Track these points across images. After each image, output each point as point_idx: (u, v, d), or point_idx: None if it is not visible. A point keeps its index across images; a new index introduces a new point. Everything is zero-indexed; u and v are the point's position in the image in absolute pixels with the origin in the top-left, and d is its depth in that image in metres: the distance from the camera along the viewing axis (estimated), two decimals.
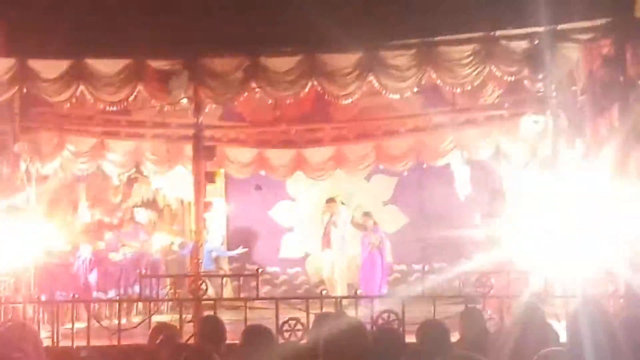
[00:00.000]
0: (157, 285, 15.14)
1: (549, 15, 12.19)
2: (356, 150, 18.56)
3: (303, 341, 10.87)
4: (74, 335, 12.09)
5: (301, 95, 13.99)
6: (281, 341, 10.76)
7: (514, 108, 16.50)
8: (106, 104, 14.47)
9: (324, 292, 13.46)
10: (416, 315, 10.61)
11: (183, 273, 17.40)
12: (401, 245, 19.81)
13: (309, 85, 13.58)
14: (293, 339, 11.15)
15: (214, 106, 15.60)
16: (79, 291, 14.84)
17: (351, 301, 12.96)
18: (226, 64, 13.59)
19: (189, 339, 9.74)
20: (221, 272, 19.36)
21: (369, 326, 9.89)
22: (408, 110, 17.66)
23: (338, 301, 13.78)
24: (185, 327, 11.36)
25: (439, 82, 13.78)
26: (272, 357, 7.08)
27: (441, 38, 13.15)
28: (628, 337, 6.44)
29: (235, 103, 15.20)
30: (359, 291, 14.48)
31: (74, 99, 14.11)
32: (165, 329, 8.11)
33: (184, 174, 17.81)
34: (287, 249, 20.57)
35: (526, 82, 14.67)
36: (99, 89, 13.74)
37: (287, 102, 14.96)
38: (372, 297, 12.90)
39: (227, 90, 13.80)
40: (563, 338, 7.12)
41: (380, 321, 11.36)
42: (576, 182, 12.98)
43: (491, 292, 12.43)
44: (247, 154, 18.88)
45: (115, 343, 11.86)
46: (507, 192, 16.11)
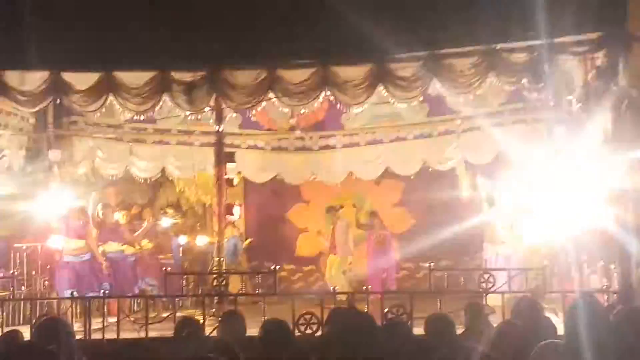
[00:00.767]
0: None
1: (547, 29, 12.16)
2: (366, 156, 18.55)
3: (318, 334, 10.89)
4: (104, 329, 12.11)
5: (315, 104, 13.98)
6: (298, 334, 10.77)
7: (514, 116, 16.49)
8: (134, 113, 14.50)
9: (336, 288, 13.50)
10: (423, 310, 10.59)
11: (206, 271, 17.39)
12: (409, 245, 19.79)
13: (322, 95, 13.57)
14: (309, 332, 11.15)
15: (234, 115, 15.63)
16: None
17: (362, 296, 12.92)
18: (245, 76, 13.59)
19: (212, 332, 9.73)
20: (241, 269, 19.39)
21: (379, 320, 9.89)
22: (415, 118, 17.66)
23: (349, 296, 13.83)
24: (208, 321, 11.38)
25: (444, 91, 13.76)
26: (289, 349, 7.08)
27: (446, 51, 13.12)
28: (622, 330, 6.43)
29: (254, 112, 15.20)
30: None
31: (104, 109, 14.14)
32: (189, 323, 8.10)
33: (206, 179, 17.87)
34: (302, 248, 20.56)
35: (525, 92, 14.64)
36: (127, 99, 13.75)
37: (302, 110, 14.99)
38: (382, 293, 12.86)
39: (246, 100, 13.79)
40: (561, 331, 7.11)
41: (389, 315, 11.35)
42: (572, 184, 12.96)
43: (492, 288, 12.44)
44: (264, 159, 18.91)
45: (143, 336, 11.87)
46: (502, 196, 16.06)
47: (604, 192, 12.41)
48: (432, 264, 13.30)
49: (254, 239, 20.66)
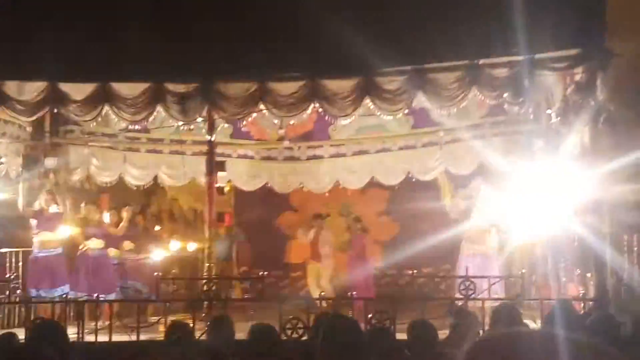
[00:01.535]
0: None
1: (527, 46, 12.21)
2: (353, 166, 18.58)
3: (304, 338, 10.89)
4: (97, 332, 12.09)
5: (304, 115, 14.00)
6: (284, 338, 10.76)
7: (495, 128, 16.54)
8: (128, 122, 14.50)
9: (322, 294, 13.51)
10: (406, 315, 10.60)
11: (196, 276, 17.36)
12: (393, 252, 19.80)
13: (311, 106, 13.59)
14: (295, 336, 11.15)
15: (225, 125, 15.63)
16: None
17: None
18: (237, 88, 13.61)
19: (201, 335, 9.72)
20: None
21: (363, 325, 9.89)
22: (400, 129, 17.70)
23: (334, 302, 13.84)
24: (197, 325, 11.36)
25: (428, 104, 13.79)
26: (276, 353, 7.08)
27: (430, 65, 13.16)
28: (597, 336, 6.44)
29: (244, 122, 15.22)
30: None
31: (99, 118, 14.14)
32: (179, 326, 8.10)
33: (198, 187, 17.87)
34: (290, 255, 20.53)
35: (506, 105, 14.70)
36: (122, 109, 13.76)
37: (291, 121, 15.01)
38: (365, 299, 12.86)
39: (238, 111, 13.81)
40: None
41: (373, 320, 11.36)
42: (549, 194, 13.01)
43: (473, 295, 12.47)
44: (254, 168, 18.92)
45: (134, 339, 11.85)
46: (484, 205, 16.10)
47: (580, 202, 12.46)
48: (415, 271, 13.31)
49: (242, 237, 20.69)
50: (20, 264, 15.03)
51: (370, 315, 11.47)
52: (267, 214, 21.30)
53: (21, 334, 8.75)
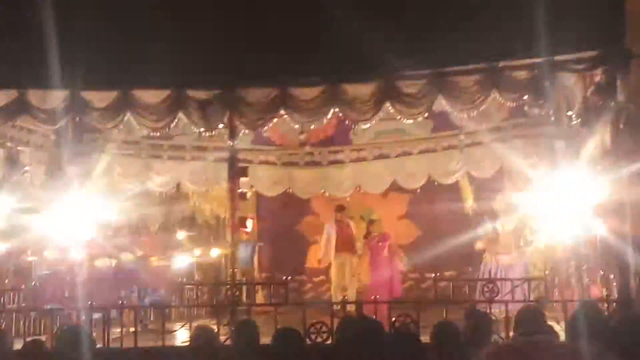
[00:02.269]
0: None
1: (547, 48, 12.17)
2: (373, 170, 18.57)
3: (328, 342, 10.89)
4: (122, 338, 12.12)
5: (324, 120, 13.99)
6: (308, 342, 10.76)
7: (516, 131, 16.49)
8: (150, 130, 14.54)
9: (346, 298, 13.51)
10: (428, 319, 10.57)
11: (220, 281, 17.39)
12: (415, 256, 19.79)
13: (331, 111, 13.58)
14: (319, 340, 11.15)
15: (246, 131, 15.66)
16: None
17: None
18: (258, 94, 13.60)
19: (226, 340, 9.73)
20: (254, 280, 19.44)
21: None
22: (420, 133, 17.68)
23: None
24: (222, 330, 11.37)
25: (448, 108, 13.76)
26: (300, 357, 7.08)
27: (450, 69, 13.13)
28: (622, 338, 6.42)
29: (265, 128, 15.23)
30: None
31: (121, 126, 14.18)
32: (204, 331, 8.10)
33: (220, 193, 17.91)
34: (312, 259, 20.52)
35: (527, 108, 14.65)
36: (144, 116, 13.77)
37: (312, 126, 15.00)
38: (389, 303, 12.82)
39: (259, 117, 13.81)
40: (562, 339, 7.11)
41: (397, 323, 11.35)
42: (572, 197, 12.96)
43: (496, 297, 12.44)
44: (276, 174, 18.94)
45: (160, 344, 11.86)
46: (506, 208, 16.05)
47: (602, 204, 12.41)
48: (437, 274, 13.28)
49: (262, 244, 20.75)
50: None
51: (394, 319, 11.45)
52: (288, 219, 21.33)
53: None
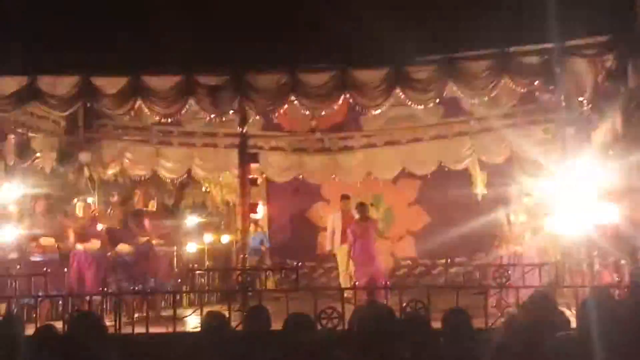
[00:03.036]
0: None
1: (558, 33, 12.16)
2: (384, 156, 18.54)
3: (339, 328, 10.90)
4: (134, 323, 12.15)
5: (334, 106, 13.99)
6: (319, 328, 10.78)
7: (526, 116, 16.44)
8: (161, 116, 14.55)
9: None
10: (439, 305, 10.57)
11: (231, 267, 17.40)
12: (425, 242, 19.80)
13: (341, 97, 13.58)
14: (330, 326, 11.16)
15: (256, 117, 15.65)
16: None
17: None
18: (268, 80, 13.62)
19: (237, 326, 9.75)
20: (264, 266, 19.45)
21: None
22: (430, 119, 17.64)
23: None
24: (233, 316, 11.39)
25: (459, 94, 13.74)
26: (312, 342, 7.10)
27: (460, 54, 13.12)
28: (633, 323, 6.43)
29: (276, 114, 15.22)
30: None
31: (132, 112, 14.20)
32: (216, 317, 8.11)
33: (231, 179, 17.92)
34: (322, 245, 20.52)
35: (537, 93, 14.62)
36: (154, 102, 13.80)
37: (322, 112, 14.98)
38: (401, 288, 12.81)
39: (269, 102, 13.82)
40: (574, 324, 7.11)
41: (408, 309, 11.35)
42: (583, 183, 12.94)
43: (507, 282, 12.44)
44: (286, 160, 18.91)
45: (171, 330, 11.89)
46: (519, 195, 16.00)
47: (612, 189, 12.39)
48: (448, 260, 13.30)
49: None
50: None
51: (405, 304, 11.46)
52: (299, 205, 21.34)
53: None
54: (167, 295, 15.03)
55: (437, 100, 13.91)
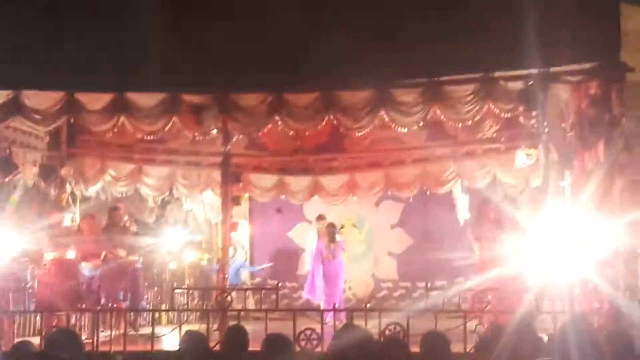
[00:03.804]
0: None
1: (542, 59, 12.21)
2: (367, 178, 18.57)
3: (318, 349, 10.89)
4: (112, 342, 12.11)
5: (319, 127, 14.01)
6: (298, 349, 10.76)
7: (509, 142, 16.49)
8: (144, 133, 14.54)
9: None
10: (420, 328, 10.57)
11: (210, 286, 17.39)
12: (406, 265, 19.84)
13: (326, 118, 13.60)
14: (309, 347, 11.15)
15: (240, 136, 15.65)
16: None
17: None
18: (252, 99, 13.63)
19: (215, 345, 9.73)
20: (244, 286, 19.43)
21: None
22: (414, 142, 17.68)
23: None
24: (212, 335, 11.36)
25: (442, 117, 13.78)
26: None
27: (445, 78, 13.16)
28: (611, 350, 6.43)
29: (260, 134, 15.22)
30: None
31: (115, 129, 14.18)
32: (194, 336, 8.09)
33: (213, 197, 17.91)
34: (304, 266, 20.50)
35: (521, 119, 14.67)
36: (138, 119, 13.79)
37: (306, 133, 15.01)
38: (383, 310, 12.78)
39: (253, 122, 13.83)
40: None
41: (387, 332, 11.35)
42: (564, 210, 12.96)
43: (487, 307, 12.45)
44: (269, 180, 18.91)
45: (149, 349, 11.86)
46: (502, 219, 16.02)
47: (595, 216, 12.41)
48: (429, 283, 13.30)
49: (272, 264, 20.74)
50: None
51: (384, 327, 11.45)
52: (281, 225, 21.33)
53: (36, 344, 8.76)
54: (145, 313, 15.02)
55: (421, 124, 13.94)
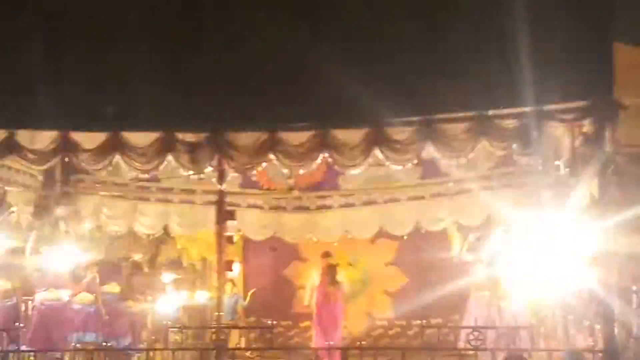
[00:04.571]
0: None
1: (536, 97, 12.28)
2: (362, 216, 18.58)
3: None
4: None
5: (313, 165, 14.03)
6: None
7: (503, 179, 16.54)
8: (139, 172, 14.55)
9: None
10: None
11: (204, 325, 17.33)
12: (402, 302, 19.79)
13: (320, 156, 13.63)
14: None
15: (235, 174, 15.67)
16: None
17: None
18: (247, 138, 13.66)
19: None
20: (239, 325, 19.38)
21: None
22: (409, 180, 17.71)
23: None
24: None
25: (437, 155, 13.82)
26: None
27: (439, 116, 13.21)
28: None
29: (254, 172, 15.24)
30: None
31: (110, 167, 14.19)
32: None
33: (207, 236, 17.89)
34: (299, 304, 20.45)
35: (515, 156, 14.71)
36: (133, 158, 13.80)
37: (300, 171, 15.04)
38: (376, 349, 12.79)
39: (248, 160, 13.85)
40: None
41: None
42: (558, 246, 12.98)
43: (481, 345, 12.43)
44: (263, 218, 18.92)
45: None
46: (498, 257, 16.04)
47: (588, 254, 12.44)
48: (424, 321, 13.28)
49: (255, 290, 20.63)
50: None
51: None
52: (276, 264, 21.30)
53: None
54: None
55: (415, 161, 13.98)
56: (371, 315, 20.91)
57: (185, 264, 20.99)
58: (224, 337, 12.87)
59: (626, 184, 12.42)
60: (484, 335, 12.55)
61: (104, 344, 13.59)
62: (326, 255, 18.36)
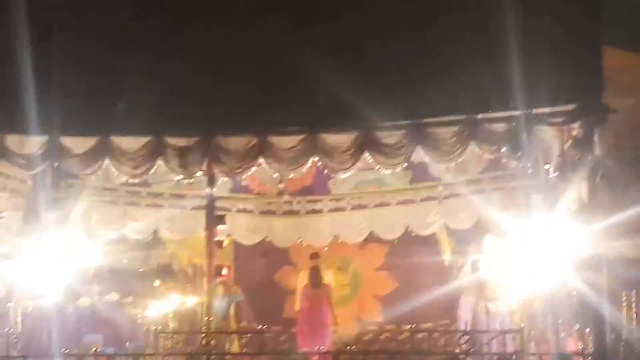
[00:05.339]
0: None
1: (525, 101, 12.30)
2: (352, 220, 18.57)
3: None
4: None
5: (303, 169, 14.01)
6: None
7: (493, 183, 16.54)
8: (129, 176, 14.51)
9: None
10: None
11: (194, 330, 17.28)
12: (392, 307, 19.74)
13: (310, 160, 13.62)
14: None
15: (225, 179, 15.64)
16: None
17: None
18: (237, 142, 13.66)
19: None
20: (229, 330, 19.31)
21: None
22: (398, 184, 17.71)
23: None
24: None
25: (426, 159, 13.82)
26: None
27: (429, 120, 13.21)
28: None
29: (244, 176, 15.22)
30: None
31: (99, 172, 14.16)
32: None
33: (197, 240, 17.84)
34: (289, 309, 20.40)
35: (504, 160, 14.72)
36: (123, 163, 13.78)
37: (290, 175, 15.02)
38: (365, 353, 12.76)
39: (238, 165, 13.83)
40: None
41: None
42: (548, 250, 12.97)
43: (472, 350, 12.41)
44: (254, 222, 18.90)
45: None
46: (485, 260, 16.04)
47: (578, 257, 12.43)
48: (414, 326, 13.24)
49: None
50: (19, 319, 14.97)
51: None
52: (266, 269, 21.24)
53: None
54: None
55: (405, 165, 13.98)
56: (361, 320, 20.86)
57: (175, 269, 20.92)
58: (214, 342, 12.80)
59: (615, 187, 12.43)
60: (474, 339, 12.54)
61: (97, 350, 13.45)
62: (314, 257, 18.30)
